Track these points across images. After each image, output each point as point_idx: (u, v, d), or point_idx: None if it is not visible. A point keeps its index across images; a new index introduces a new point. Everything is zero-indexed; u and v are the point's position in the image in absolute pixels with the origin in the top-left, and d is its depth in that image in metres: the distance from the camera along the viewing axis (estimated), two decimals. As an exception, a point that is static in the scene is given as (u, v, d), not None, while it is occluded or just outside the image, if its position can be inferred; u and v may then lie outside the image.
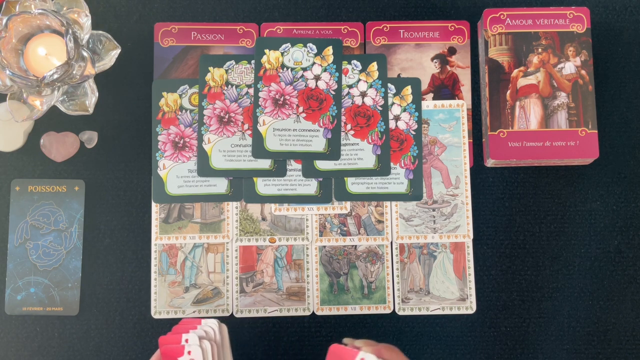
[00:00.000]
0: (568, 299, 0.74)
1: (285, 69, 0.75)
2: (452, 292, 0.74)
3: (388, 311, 0.74)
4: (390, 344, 0.73)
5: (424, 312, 0.74)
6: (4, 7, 0.68)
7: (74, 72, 0.68)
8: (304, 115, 0.74)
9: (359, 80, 0.75)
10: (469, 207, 0.75)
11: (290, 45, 0.75)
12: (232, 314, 0.73)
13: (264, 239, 0.74)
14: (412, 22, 0.78)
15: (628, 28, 0.79)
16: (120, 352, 0.73)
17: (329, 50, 0.75)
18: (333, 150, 0.74)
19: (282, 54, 0.75)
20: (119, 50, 0.70)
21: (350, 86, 0.75)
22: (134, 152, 0.76)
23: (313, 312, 0.74)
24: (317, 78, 0.75)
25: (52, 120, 0.75)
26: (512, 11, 0.76)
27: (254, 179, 0.74)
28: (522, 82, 0.75)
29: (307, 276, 0.74)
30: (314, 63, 0.75)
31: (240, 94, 0.75)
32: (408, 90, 0.76)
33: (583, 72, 0.75)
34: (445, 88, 0.77)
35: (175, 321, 0.73)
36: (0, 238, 0.74)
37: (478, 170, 0.76)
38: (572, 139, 0.74)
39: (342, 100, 0.75)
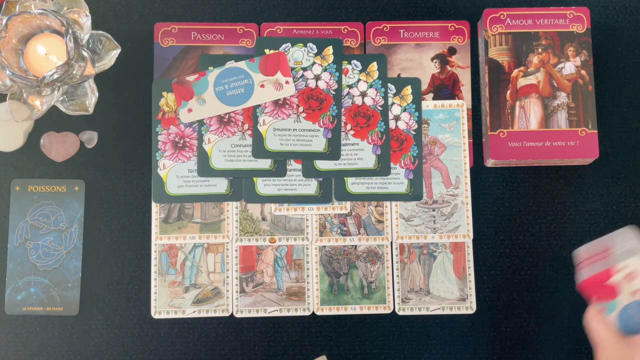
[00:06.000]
0: (568, 299, 0.74)
1: (285, 69, 0.75)
2: (452, 292, 0.74)
3: (388, 311, 0.74)
4: (390, 343, 0.74)
5: (424, 312, 0.74)
6: (4, 7, 0.68)
7: (74, 72, 0.68)
8: (304, 115, 0.74)
9: (359, 80, 0.75)
10: (469, 207, 0.75)
11: (290, 45, 0.75)
12: (232, 314, 0.73)
13: (264, 239, 0.74)
14: (412, 22, 0.78)
15: (628, 28, 0.79)
16: (120, 352, 0.73)
17: (329, 50, 0.75)
18: (333, 150, 0.74)
19: (282, 54, 0.75)
20: (119, 50, 0.70)
21: (350, 86, 0.75)
22: (134, 152, 0.76)
23: (313, 312, 0.74)
24: (317, 78, 0.75)
25: (52, 120, 0.75)
26: (512, 11, 0.76)
27: (254, 179, 0.74)
28: (522, 82, 0.75)
29: (307, 276, 0.74)
30: (314, 63, 0.75)
31: (240, 94, 0.75)
32: (408, 90, 0.76)
33: (583, 72, 0.75)
34: (445, 88, 0.77)
35: (175, 321, 0.73)
36: (0, 238, 0.74)
37: (478, 170, 0.76)
38: (572, 139, 0.74)
39: (342, 100, 0.75)
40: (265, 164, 0.74)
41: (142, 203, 0.75)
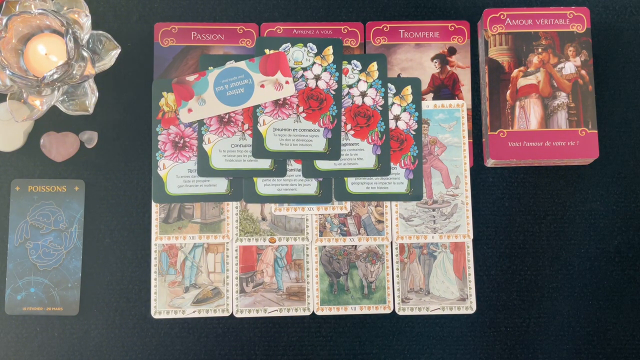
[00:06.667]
0: (568, 299, 0.74)
1: (285, 69, 0.75)
2: (452, 292, 0.74)
3: (388, 311, 0.74)
4: (390, 344, 0.74)
5: (424, 312, 0.74)
6: (4, 7, 0.68)
7: (74, 72, 0.68)
8: (304, 115, 0.74)
9: (359, 80, 0.75)
10: (469, 207, 0.75)
11: (290, 45, 0.75)
12: (232, 314, 0.73)
13: (264, 239, 0.74)
14: (412, 22, 0.78)
15: (628, 28, 0.79)
16: (120, 352, 0.73)
17: (329, 50, 0.75)
18: (333, 150, 0.74)
19: (282, 54, 0.75)
20: (119, 50, 0.70)
21: (350, 86, 0.75)
22: (134, 152, 0.76)
23: (313, 312, 0.74)
24: (317, 78, 0.75)
25: (52, 120, 0.75)
26: (512, 11, 0.76)
27: (254, 179, 0.74)
28: (522, 82, 0.75)
29: (307, 276, 0.74)
30: (314, 63, 0.75)
31: (240, 94, 0.75)
32: (408, 90, 0.76)
33: (583, 72, 0.75)
34: (445, 88, 0.77)
35: (175, 321, 0.73)
36: (0, 238, 0.74)
37: (478, 170, 0.76)
38: (572, 139, 0.74)
39: (342, 100, 0.75)
40: (265, 164, 0.74)
41: (142, 203, 0.75)
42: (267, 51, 0.75)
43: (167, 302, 0.73)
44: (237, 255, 0.74)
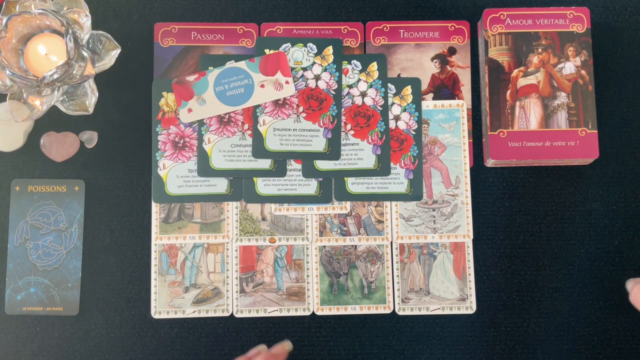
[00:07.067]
0: (568, 299, 0.74)
1: (285, 69, 0.75)
2: (452, 292, 0.74)
3: (388, 311, 0.74)
4: (390, 344, 0.74)
5: (424, 312, 0.74)
6: (4, 7, 0.68)
7: (74, 72, 0.68)
8: (304, 115, 0.74)
9: (359, 80, 0.75)
10: (469, 207, 0.75)
11: (290, 45, 0.75)
12: (232, 314, 0.73)
13: (264, 239, 0.74)
14: (412, 22, 0.78)
15: (628, 28, 0.79)
16: (120, 352, 0.73)
17: (329, 50, 0.75)
18: (333, 150, 0.74)
19: (282, 54, 0.75)
20: (119, 50, 0.70)
21: (350, 86, 0.75)
22: (134, 152, 0.76)
23: (313, 312, 0.74)
24: (317, 78, 0.75)
25: (52, 120, 0.75)
26: (512, 11, 0.76)
27: (254, 179, 0.74)
28: (522, 82, 0.75)
29: (307, 276, 0.74)
30: (314, 63, 0.75)
31: (240, 94, 0.75)
32: (408, 90, 0.76)
33: (583, 72, 0.75)
34: (445, 88, 0.77)
35: (175, 321, 0.73)
36: (0, 238, 0.74)
37: (478, 170, 0.76)
38: (572, 139, 0.74)
39: (342, 100, 0.75)
40: (265, 164, 0.74)
41: (142, 203, 0.75)
42: (267, 51, 0.75)
43: (167, 302, 0.73)
44: (237, 255, 0.74)
